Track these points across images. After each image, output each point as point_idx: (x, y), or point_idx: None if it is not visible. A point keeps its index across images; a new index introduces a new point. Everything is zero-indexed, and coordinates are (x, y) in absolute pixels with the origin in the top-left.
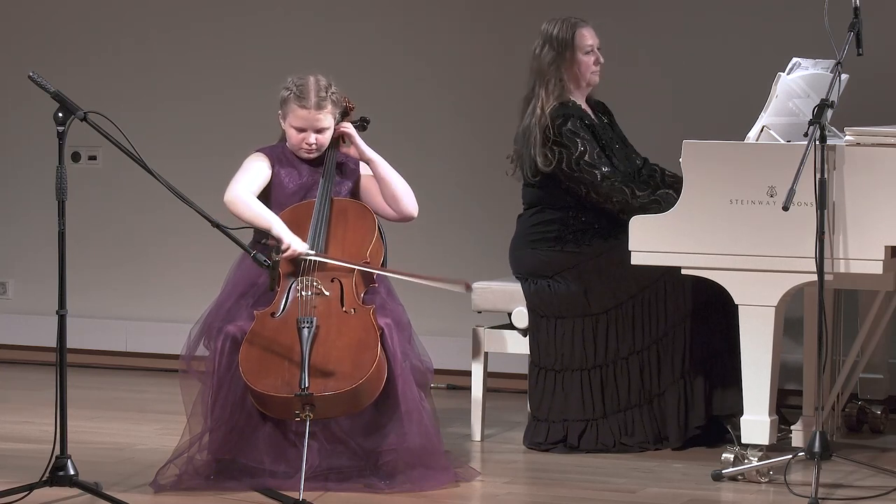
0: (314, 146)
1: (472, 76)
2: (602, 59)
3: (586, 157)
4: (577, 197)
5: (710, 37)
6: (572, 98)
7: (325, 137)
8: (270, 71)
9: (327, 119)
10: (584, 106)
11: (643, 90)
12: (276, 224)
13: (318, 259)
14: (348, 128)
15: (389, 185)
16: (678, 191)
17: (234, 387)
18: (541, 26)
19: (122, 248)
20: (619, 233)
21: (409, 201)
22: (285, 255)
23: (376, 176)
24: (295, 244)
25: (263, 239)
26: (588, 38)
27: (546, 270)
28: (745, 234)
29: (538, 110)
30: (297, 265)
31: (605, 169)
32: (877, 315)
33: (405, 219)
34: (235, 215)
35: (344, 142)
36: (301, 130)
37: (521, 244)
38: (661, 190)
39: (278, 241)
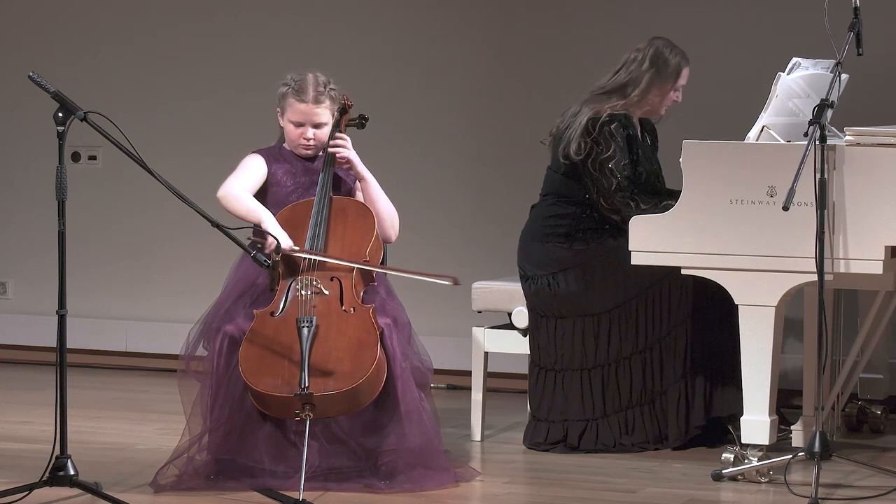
0: (312, 141)
1: (470, 76)
2: (679, 100)
3: (611, 164)
4: (589, 195)
5: (710, 37)
6: (631, 112)
7: (323, 133)
8: (270, 71)
9: (325, 114)
10: (636, 120)
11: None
12: (266, 218)
13: (304, 256)
14: (349, 151)
15: (375, 206)
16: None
17: (234, 387)
18: (653, 38)
19: (121, 248)
20: (627, 233)
21: (389, 226)
22: (267, 248)
23: (365, 194)
24: (280, 239)
25: (249, 236)
26: (685, 78)
27: (552, 266)
28: (745, 234)
29: (601, 104)
30: (297, 264)
31: (623, 181)
32: (877, 315)
33: (383, 241)
34: (227, 210)
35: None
36: (299, 125)
37: (532, 236)
38: (664, 202)
39: (263, 235)
